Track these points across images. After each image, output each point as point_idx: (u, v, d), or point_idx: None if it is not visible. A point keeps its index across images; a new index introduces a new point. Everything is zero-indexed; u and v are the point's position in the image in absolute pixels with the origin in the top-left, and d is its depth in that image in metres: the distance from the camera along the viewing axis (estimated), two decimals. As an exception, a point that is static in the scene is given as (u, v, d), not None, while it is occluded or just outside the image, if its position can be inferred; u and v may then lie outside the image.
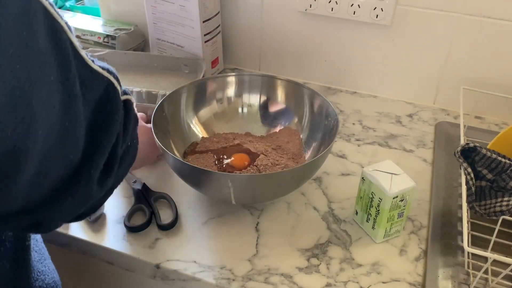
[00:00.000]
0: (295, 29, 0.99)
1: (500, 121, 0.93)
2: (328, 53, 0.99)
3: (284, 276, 0.61)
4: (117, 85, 0.44)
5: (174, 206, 0.69)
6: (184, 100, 0.78)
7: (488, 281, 0.60)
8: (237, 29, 1.04)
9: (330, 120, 0.72)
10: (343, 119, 0.92)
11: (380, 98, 1.00)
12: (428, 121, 0.92)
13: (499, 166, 0.64)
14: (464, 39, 0.87)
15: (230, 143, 0.77)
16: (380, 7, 0.88)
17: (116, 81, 0.43)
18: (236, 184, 0.60)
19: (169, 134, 0.75)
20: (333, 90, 1.02)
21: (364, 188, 0.64)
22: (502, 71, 0.88)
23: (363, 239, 0.66)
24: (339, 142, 0.86)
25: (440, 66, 0.92)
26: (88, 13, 1.18)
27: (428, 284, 0.59)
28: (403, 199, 0.61)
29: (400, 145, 0.85)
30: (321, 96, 0.76)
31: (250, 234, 0.67)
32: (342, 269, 0.62)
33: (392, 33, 0.92)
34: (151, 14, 0.99)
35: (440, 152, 0.83)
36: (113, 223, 0.68)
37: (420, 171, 0.79)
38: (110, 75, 0.42)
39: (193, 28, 0.95)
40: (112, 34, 1.06)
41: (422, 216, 0.70)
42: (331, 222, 0.69)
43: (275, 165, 0.71)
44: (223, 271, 0.61)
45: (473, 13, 0.84)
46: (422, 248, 0.65)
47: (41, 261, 0.53)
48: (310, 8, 0.94)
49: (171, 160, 0.64)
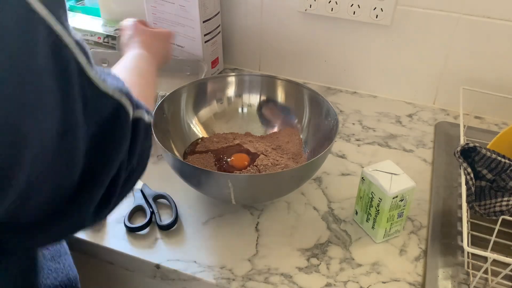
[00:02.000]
0: (295, 29, 0.99)
1: (500, 121, 0.93)
2: (328, 53, 0.99)
3: (284, 276, 0.61)
4: (128, 108, 0.40)
5: (174, 206, 0.69)
6: (184, 100, 0.79)
7: (488, 281, 0.60)
8: (237, 29, 1.04)
9: (330, 120, 0.72)
10: (343, 119, 0.92)
11: (380, 98, 1.00)
12: (428, 121, 0.92)
13: (499, 166, 0.64)
14: (464, 39, 0.87)
15: (230, 143, 0.78)
16: (380, 7, 0.88)
17: (128, 101, 0.40)
18: (236, 184, 0.60)
19: (169, 134, 0.75)
20: (333, 90, 1.02)
21: (364, 188, 0.64)
22: (502, 71, 0.88)
23: (363, 239, 0.66)
24: (339, 142, 0.86)
25: (440, 66, 0.92)
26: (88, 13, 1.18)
27: (428, 284, 0.59)
28: (403, 199, 0.61)
29: (400, 145, 0.85)
30: (321, 96, 0.76)
31: (250, 234, 0.67)
32: (342, 269, 0.62)
33: (392, 33, 0.92)
34: (151, 14, 0.99)
35: (440, 152, 0.83)
36: (113, 223, 0.68)
37: (420, 171, 0.79)
38: (122, 96, 0.39)
39: (193, 28, 0.95)
40: (112, 34, 1.06)
41: (422, 216, 0.70)
42: (331, 222, 0.69)
43: (275, 165, 0.71)
44: (223, 271, 0.61)
45: (473, 13, 0.84)
46: (422, 248, 0.65)
47: (55, 258, 0.52)
48: (310, 8, 0.94)
49: (171, 160, 0.64)
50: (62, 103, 0.32)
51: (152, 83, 0.63)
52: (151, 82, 0.63)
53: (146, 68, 0.64)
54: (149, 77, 0.63)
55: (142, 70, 0.63)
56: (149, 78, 0.63)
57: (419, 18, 0.88)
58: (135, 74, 0.61)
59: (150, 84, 0.61)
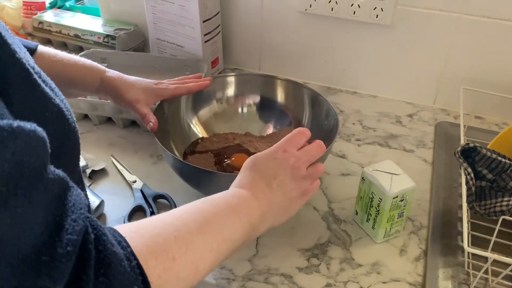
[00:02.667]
0: (295, 29, 0.99)
1: (500, 121, 0.93)
2: (328, 53, 0.99)
3: (284, 276, 0.61)
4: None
5: (174, 206, 0.69)
6: (184, 100, 0.79)
7: (488, 281, 0.60)
8: (237, 29, 1.04)
9: (330, 120, 0.72)
10: (343, 119, 0.92)
11: (380, 98, 1.00)
12: (428, 121, 0.92)
13: (499, 166, 0.64)
14: (464, 39, 0.87)
15: (230, 143, 0.77)
16: (380, 7, 0.88)
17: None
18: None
19: (169, 134, 0.75)
20: (333, 90, 1.02)
21: (364, 188, 0.64)
22: (502, 71, 0.88)
23: (363, 239, 0.66)
24: (339, 142, 0.86)
25: (440, 66, 0.92)
26: (88, 13, 1.18)
27: (428, 284, 0.59)
28: (403, 199, 0.61)
29: (400, 145, 0.85)
30: (321, 96, 0.76)
31: (250, 234, 0.67)
32: (342, 269, 0.62)
33: (392, 33, 0.92)
34: (151, 14, 0.99)
35: (440, 152, 0.83)
36: (113, 223, 0.68)
37: (420, 171, 0.79)
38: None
39: (193, 28, 0.95)
40: (112, 34, 1.06)
41: (422, 216, 0.70)
42: (331, 222, 0.69)
43: (275, 165, 0.71)
44: (223, 271, 0.61)
45: (473, 13, 0.84)
46: (422, 248, 0.65)
47: None
48: (310, 8, 0.94)
49: (171, 160, 0.64)
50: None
51: (216, 244, 0.41)
52: (216, 243, 0.41)
53: (219, 216, 0.42)
54: (218, 240, 0.41)
55: (208, 219, 0.41)
56: (217, 241, 0.41)
57: (419, 18, 0.88)
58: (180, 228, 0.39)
59: (211, 251, 0.40)
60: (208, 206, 0.43)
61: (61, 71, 0.67)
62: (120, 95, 0.70)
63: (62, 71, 0.67)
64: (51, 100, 0.38)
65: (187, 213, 0.41)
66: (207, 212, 0.42)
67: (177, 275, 0.37)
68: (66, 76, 0.68)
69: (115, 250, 0.32)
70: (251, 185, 0.48)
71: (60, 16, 1.15)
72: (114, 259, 0.31)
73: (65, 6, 1.23)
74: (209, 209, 0.42)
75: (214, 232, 0.41)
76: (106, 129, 0.87)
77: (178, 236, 0.37)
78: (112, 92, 0.71)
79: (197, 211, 0.41)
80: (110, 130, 0.87)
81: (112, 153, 0.80)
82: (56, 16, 1.14)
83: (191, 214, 0.41)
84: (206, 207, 0.42)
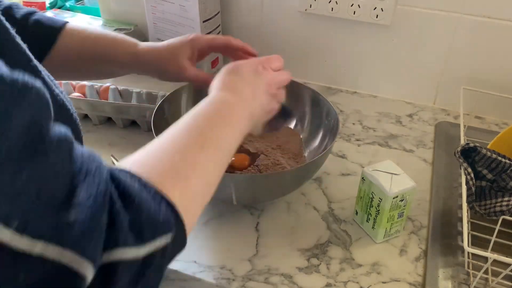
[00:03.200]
0: (295, 29, 0.99)
1: (500, 121, 0.93)
2: (328, 53, 0.99)
3: (284, 276, 0.61)
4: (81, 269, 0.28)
5: (174, 206, 0.69)
6: (184, 100, 0.78)
7: (488, 281, 0.60)
8: (237, 29, 1.04)
9: (330, 120, 0.72)
10: (343, 119, 0.92)
11: (380, 98, 1.00)
12: (428, 121, 0.92)
13: (499, 166, 0.64)
14: (464, 39, 0.87)
15: (230, 143, 0.77)
16: (380, 7, 0.88)
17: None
18: (237, 184, 0.60)
19: (169, 134, 0.74)
20: (333, 90, 1.02)
21: (364, 188, 0.64)
22: (502, 71, 0.88)
23: (363, 239, 0.66)
24: (339, 142, 0.86)
25: (440, 66, 0.92)
26: (88, 13, 1.18)
27: (428, 284, 0.59)
28: (403, 199, 0.61)
29: (400, 145, 0.85)
30: (321, 96, 0.76)
31: (250, 234, 0.67)
32: (342, 269, 0.62)
33: (392, 33, 0.92)
34: (151, 14, 0.99)
35: (440, 152, 0.83)
36: (113, 223, 0.68)
37: (420, 171, 0.79)
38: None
39: (193, 28, 0.95)
40: (112, 34, 1.06)
41: (422, 216, 0.70)
42: (331, 222, 0.69)
43: (275, 165, 0.71)
44: (223, 271, 0.61)
45: (473, 13, 0.84)
46: (422, 248, 0.65)
47: None
48: (310, 8, 0.94)
49: (171, 160, 0.64)
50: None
51: (218, 157, 0.43)
52: (218, 157, 0.43)
53: (215, 130, 0.44)
54: (214, 148, 0.43)
55: (205, 134, 0.43)
56: (214, 149, 0.43)
57: (419, 18, 0.88)
58: (176, 147, 0.40)
59: (213, 163, 0.42)
60: (203, 121, 0.44)
61: (91, 47, 0.63)
62: (160, 71, 0.65)
63: (93, 46, 0.63)
64: (52, 89, 0.38)
65: (185, 133, 0.42)
66: (203, 128, 0.43)
67: (194, 193, 0.39)
68: (96, 52, 0.64)
69: (131, 184, 0.33)
70: (236, 89, 0.50)
71: (60, 16, 1.14)
72: (133, 192, 0.33)
73: (65, 6, 1.23)
74: (204, 124, 0.44)
75: (214, 147, 0.43)
76: (106, 129, 0.87)
77: (183, 158, 0.39)
78: (148, 68, 0.65)
79: (194, 128, 0.43)
80: (110, 130, 0.87)
81: (112, 153, 0.80)
82: (56, 16, 1.14)
83: (190, 133, 0.42)
84: (202, 123, 0.44)
